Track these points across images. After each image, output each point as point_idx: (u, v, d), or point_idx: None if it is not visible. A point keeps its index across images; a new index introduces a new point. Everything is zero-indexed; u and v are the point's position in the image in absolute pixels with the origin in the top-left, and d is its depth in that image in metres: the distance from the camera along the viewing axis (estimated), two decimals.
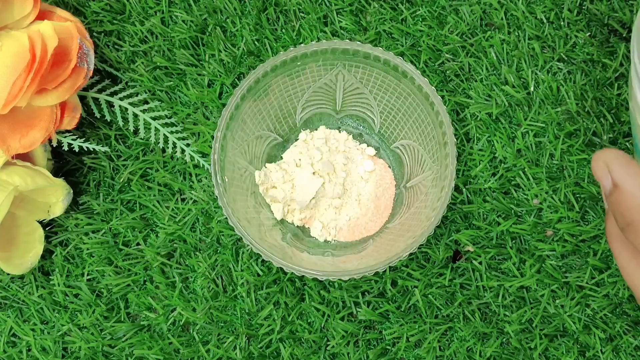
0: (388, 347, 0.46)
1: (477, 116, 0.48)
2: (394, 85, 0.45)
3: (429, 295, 0.46)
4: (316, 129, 0.48)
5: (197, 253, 0.48)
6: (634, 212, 0.30)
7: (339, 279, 0.46)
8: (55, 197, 0.46)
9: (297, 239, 0.47)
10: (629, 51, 0.47)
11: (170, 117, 0.49)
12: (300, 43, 0.49)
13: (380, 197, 0.47)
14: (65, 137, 0.47)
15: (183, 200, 0.48)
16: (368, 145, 0.48)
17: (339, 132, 0.49)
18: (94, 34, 0.51)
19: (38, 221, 0.47)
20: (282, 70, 0.45)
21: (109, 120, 0.49)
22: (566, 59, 0.48)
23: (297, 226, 0.47)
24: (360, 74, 0.46)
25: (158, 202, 0.48)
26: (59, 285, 0.48)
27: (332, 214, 0.47)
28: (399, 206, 0.47)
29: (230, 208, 0.42)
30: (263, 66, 0.44)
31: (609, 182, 0.31)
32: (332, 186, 0.47)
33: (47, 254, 0.48)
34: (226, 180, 0.43)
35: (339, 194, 0.47)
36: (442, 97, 0.48)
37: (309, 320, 0.46)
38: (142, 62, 0.50)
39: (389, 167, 0.48)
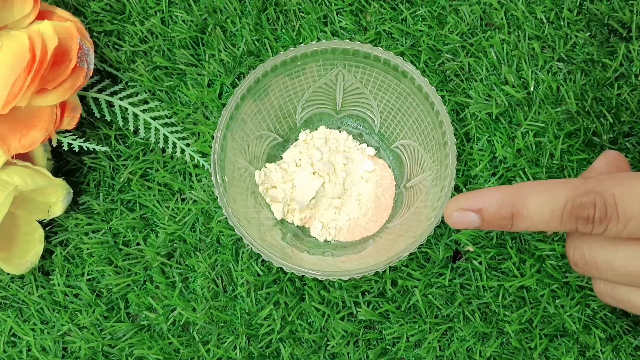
0: (388, 347, 0.46)
1: (477, 116, 0.48)
2: (394, 85, 0.45)
3: (429, 295, 0.46)
4: (316, 129, 0.48)
5: (197, 253, 0.48)
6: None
7: (339, 279, 0.46)
8: (55, 197, 0.46)
9: (297, 239, 0.47)
10: (629, 51, 0.47)
11: (170, 117, 0.49)
12: (300, 43, 0.49)
13: (380, 197, 0.47)
14: (65, 137, 0.47)
15: (183, 200, 0.48)
16: (368, 145, 0.48)
17: (339, 132, 0.49)
18: (94, 34, 0.51)
19: (38, 221, 0.47)
20: (282, 70, 0.45)
21: (109, 120, 0.49)
22: (566, 59, 0.48)
23: (297, 226, 0.47)
24: (360, 74, 0.46)
25: (158, 202, 0.48)
26: (59, 285, 0.48)
27: (332, 214, 0.47)
28: (399, 206, 0.47)
29: (230, 208, 0.42)
30: (263, 66, 0.44)
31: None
32: (332, 186, 0.47)
33: (47, 254, 0.48)
34: (226, 180, 0.43)
35: (339, 194, 0.47)
36: (442, 97, 0.48)
37: (309, 320, 0.46)
38: (142, 62, 0.50)
39: (389, 167, 0.48)
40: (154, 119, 0.48)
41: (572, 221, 0.32)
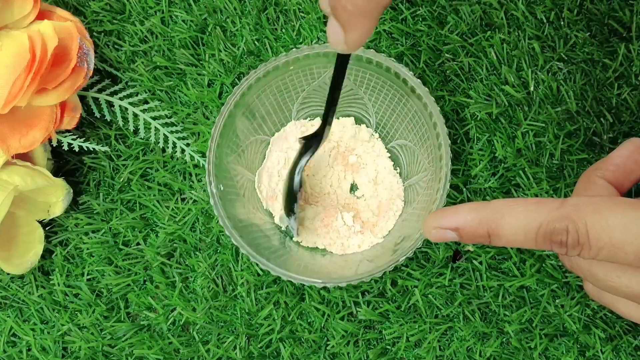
0: (388, 346, 0.46)
1: (477, 116, 0.48)
2: (387, 86, 0.45)
3: (429, 295, 0.46)
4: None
5: (197, 253, 0.48)
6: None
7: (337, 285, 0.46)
8: (55, 196, 0.46)
9: (296, 242, 0.47)
10: (629, 51, 0.47)
11: (170, 117, 0.49)
12: (301, 43, 0.50)
13: (380, 204, 0.47)
14: (65, 136, 0.47)
15: (183, 200, 0.48)
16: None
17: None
18: (94, 33, 0.51)
19: (38, 221, 0.47)
20: (274, 74, 0.44)
21: (109, 120, 0.49)
22: (566, 59, 0.48)
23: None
24: (353, 76, 0.46)
25: (158, 202, 0.48)
26: (59, 285, 0.48)
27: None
28: None
29: (227, 214, 0.42)
30: (255, 72, 0.44)
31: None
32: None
33: (47, 253, 0.48)
34: (221, 188, 0.43)
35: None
36: (442, 97, 0.48)
37: (309, 320, 0.46)
38: (142, 62, 0.50)
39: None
40: (154, 118, 0.48)
41: (546, 243, 0.33)
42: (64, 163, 0.50)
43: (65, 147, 0.47)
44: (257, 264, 0.47)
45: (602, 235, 0.31)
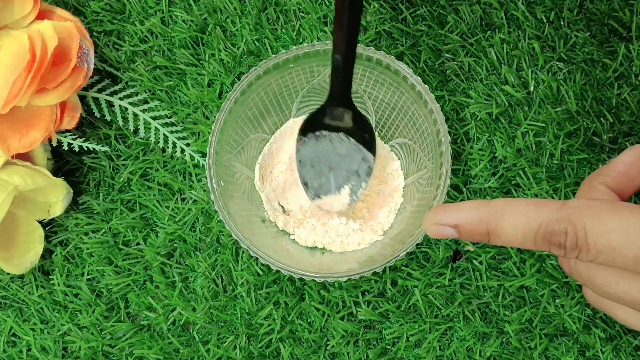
0: (388, 346, 0.46)
1: (477, 116, 0.48)
2: (387, 84, 0.45)
3: (429, 295, 0.46)
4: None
5: (197, 253, 0.48)
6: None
7: (338, 279, 0.46)
8: (55, 196, 0.46)
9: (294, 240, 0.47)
10: (629, 51, 0.47)
11: (170, 117, 0.49)
12: (301, 43, 0.50)
13: (380, 202, 0.47)
14: (65, 136, 0.47)
15: (183, 200, 0.48)
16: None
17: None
18: (94, 33, 0.51)
19: (38, 221, 0.47)
20: (275, 72, 0.44)
21: (109, 120, 0.49)
22: (566, 58, 0.48)
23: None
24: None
25: (158, 201, 0.48)
26: (59, 285, 0.48)
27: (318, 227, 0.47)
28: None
29: (226, 212, 0.42)
30: (255, 70, 0.44)
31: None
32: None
33: (47, 253, 0.48)
34: (222, 184, 0.43)
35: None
36: (442, 96, 0.48)
37: (309, 320, 0.46)
38: (142, 62, 0.50)
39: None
40: (154, 118, 0.48)
41: (544, 244, 0.33)
42: (64, 163, 0.50)
43: (65, 147, 0.47)
44: (256, 262, 0.47)
45: (601, 239, 0.31)
